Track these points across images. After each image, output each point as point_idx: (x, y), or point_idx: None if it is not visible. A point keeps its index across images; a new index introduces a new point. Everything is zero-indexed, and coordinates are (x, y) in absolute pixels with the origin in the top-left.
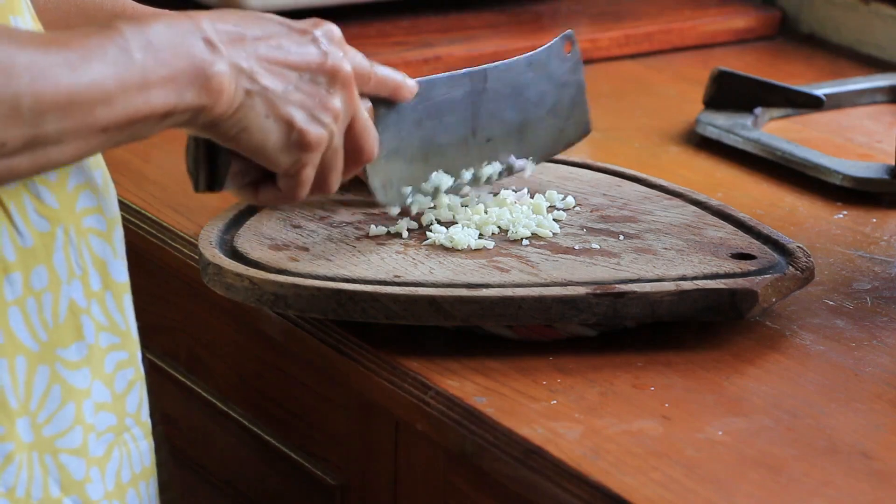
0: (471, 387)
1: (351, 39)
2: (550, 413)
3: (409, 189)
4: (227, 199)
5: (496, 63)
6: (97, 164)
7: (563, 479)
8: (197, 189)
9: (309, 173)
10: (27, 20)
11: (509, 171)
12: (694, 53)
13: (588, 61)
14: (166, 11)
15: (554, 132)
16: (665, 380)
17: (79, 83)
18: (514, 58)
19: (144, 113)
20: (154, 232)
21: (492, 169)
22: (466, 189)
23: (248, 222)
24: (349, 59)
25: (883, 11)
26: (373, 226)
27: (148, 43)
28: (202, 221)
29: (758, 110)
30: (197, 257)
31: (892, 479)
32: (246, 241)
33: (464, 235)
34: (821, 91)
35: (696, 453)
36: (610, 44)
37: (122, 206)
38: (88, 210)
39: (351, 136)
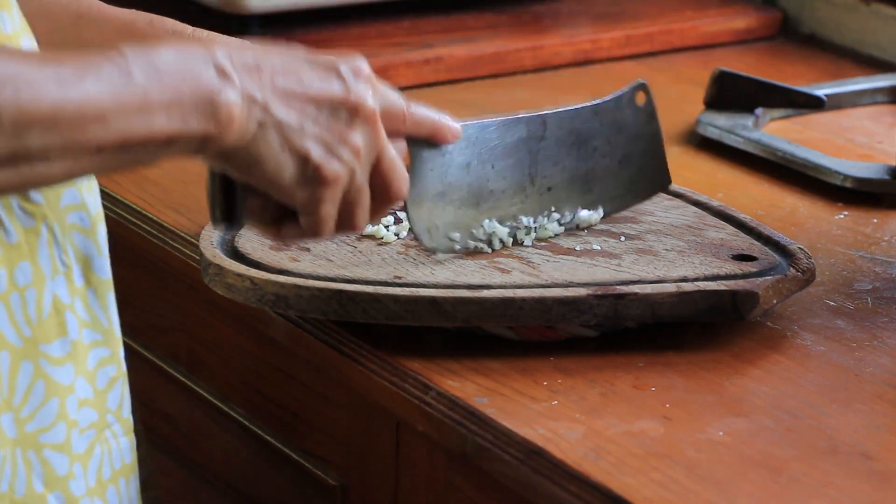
0: (471, 387)
1: (351, 40)
2: (551, 413)
3: (457, 235)
4: None
5: (557, 109)
6: None
7: (564, 479)
8: (214, 223)
9: (328, 209)
10: (14, 16)
11: (572, 221)
12: (695, 54)
13: (589, 62)
14: (133, 12)
15: (625, 184)
16: (666, 380)
17: (67, 98)
18: (578, 105)
19: (143, 136)
20: (154, 232)
21: (554, 220)
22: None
23: None
24: (379, 96)
25: (884, 12)
26: (369, 225)
27: (152, 65)
28: (203, 221)
29: (758, 111)
30: (198, 257)
31: (893, 480)
32: (247, 241)
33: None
34: (821, 91)
35: (697, 454)
36: (611, 44)
37: (123, 206)
38: (72, 207)
39: (377, 174)
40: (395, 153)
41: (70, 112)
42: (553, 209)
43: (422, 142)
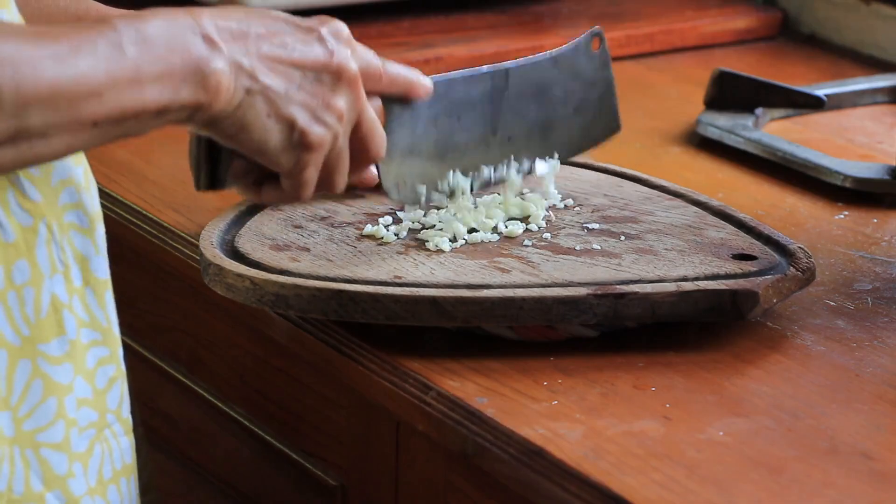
0: (472, 387)
1: None
2: (551, 413)
3: (423, 188)
4: (228, 199)
5: (519, 61)
6: (79, 161)
7: (564, 479)
8: (198, 187)
9: (311, 173)
10: (13, 13)
11: (531, 171)
12: (695, 54)
13: None
14: (127, 12)
15: (580, 130)
16: (666, 380)
17: (65, 76)
18: (539, 56)
19: (137, 109)
20: (154, 232)
21: (513, 168)
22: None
23: (249, 222)
24: (358, 57)
25: (884, 12)
26: (369, 225)
27: (142, 38)
28: (203, 221)
29: (759, 111)
30: (198, 257)
31: (893, 480)
32: (247, 241)
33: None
34: (822, 91)
35: (697, 454)
36: (611, 44)
37: (123, 206)
38: (70, 206)
39: (357, 136)
40: (373, 114)
41: (67, 89)
42: (513, 157)
43: (394, 98)
